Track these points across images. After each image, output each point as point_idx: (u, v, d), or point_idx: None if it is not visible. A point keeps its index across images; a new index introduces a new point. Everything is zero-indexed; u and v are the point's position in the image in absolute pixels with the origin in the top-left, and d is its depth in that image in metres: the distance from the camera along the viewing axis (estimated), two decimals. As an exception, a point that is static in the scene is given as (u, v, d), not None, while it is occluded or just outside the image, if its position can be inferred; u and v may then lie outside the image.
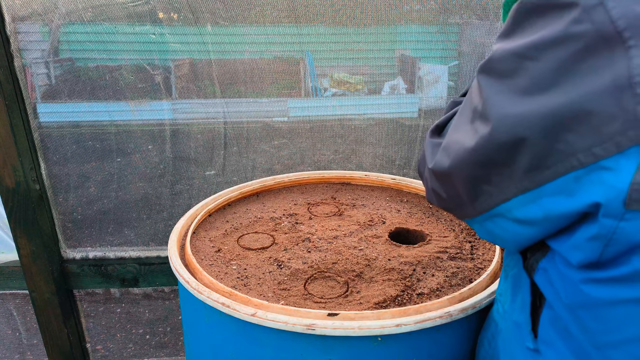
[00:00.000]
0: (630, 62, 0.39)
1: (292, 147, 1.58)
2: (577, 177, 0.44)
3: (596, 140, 0.42)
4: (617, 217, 0.43)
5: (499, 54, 0.50)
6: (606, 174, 0.42)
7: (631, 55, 0.39)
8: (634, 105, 0.39)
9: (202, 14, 1.37)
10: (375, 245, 1.04)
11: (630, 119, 0.39)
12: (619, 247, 0.45)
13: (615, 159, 0.41)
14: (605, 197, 0.43)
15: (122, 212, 1.60)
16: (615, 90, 0.40)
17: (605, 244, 0.45)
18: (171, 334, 2.05)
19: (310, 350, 0.76)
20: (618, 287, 0.47)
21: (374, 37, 1.50)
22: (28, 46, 1.34)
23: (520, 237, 0.56)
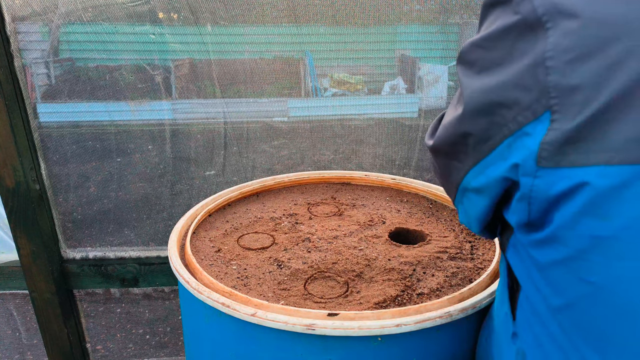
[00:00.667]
0: (546, 41, 0.46)
1: (292, 147, 1.58)
2: (508, 144, 0.51)
3: (520, 110, 0.49)
4: (532, 175, 0.49)
5: (466, 46, 0.58)
6: (526, 139, 0.49)
7: (548, 35, 0.46)
8: (544, 76, 0.46)
9: (202, 14, 1.37)
10: (375, 245, 1.04)
11: (542, 88, 0.46)
12: (539, 205, 0.50)
13: (533, 125, 0.48)
14: (522, 157, 0.49)
15: (122, 212, 1.60)
16: (533, 66, 0.47)
17: (529, 203, 0.51)
18: (171, 334, 2.05)
19: (310, 350, 0.76)
20: (548, 247, 0.51)
21: (374, 37, 1.50)
22: (28, 46, 1.34)
23: (479, 209, 0.62)
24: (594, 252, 0.46)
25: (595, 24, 0.45)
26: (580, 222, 0.46)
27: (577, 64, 0.45)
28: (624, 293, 0.45)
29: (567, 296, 0.51)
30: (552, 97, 0.46)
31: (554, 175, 0.47)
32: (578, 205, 0.46)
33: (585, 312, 0.49)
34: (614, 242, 0.45)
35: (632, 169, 0.42)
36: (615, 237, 0.45)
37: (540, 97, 0.47)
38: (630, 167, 0.42)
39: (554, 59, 0.46)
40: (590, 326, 0.49)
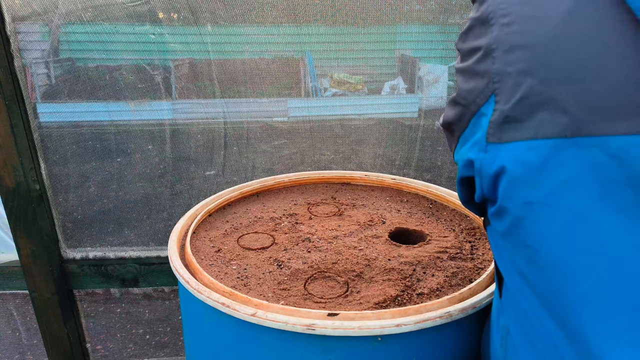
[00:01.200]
0: (491, 35, 0.55)
1: (292, 147, 1.58)
2: (473, 123, 0.58)
3: (478, 93, 0.57)
4: (483, 150, 0.56)
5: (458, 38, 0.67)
6: (483, 118, 0.56)
7: (492, 30, 0.55)
8: (491, 64, 0.54)
9: (202, 14, 1.37)
10: (375, 245, 1.04)
11: (490, 74, 0.54)
12: (487, 179, 0.57)
13: (486, 106, 0.56)
14: (479, 135, 0.57)
15: (122, 212, 1.60)
16: (484, 55, 0.56)
17: (480, 177, 0.58)
18: (171, 334, 2.05)
19: (310, 350, 0.76)
20: (500, 219, 0.58)
21: (374, 37, 1.50)
22: (28, 46, 1.34)
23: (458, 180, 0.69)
24: (528, 218, 0.53)
25: (523, 21, 0.53)
26: (516, 191, 0.53)
27: (509, 54, 0.53)
28: (553, 252, 0.52)
29: (518, 265, 0.57)
30: (495, 82, 0.54)
31: (497, 149, 0.54)
32: (512, 176, 0.53)
33: (534, 280, 0.55)
34: (542, 207, 0.52)
35: (551, 142, 0.50)
36: (543, 203, 0.51)
37: (489, 82, 0.55)
38: (550, 141, 0.50)
39: (497, 49, 0.54)
40: (544, 294, 0.54)
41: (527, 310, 0.58)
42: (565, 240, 0.51)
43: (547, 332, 0.54)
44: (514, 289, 0.60)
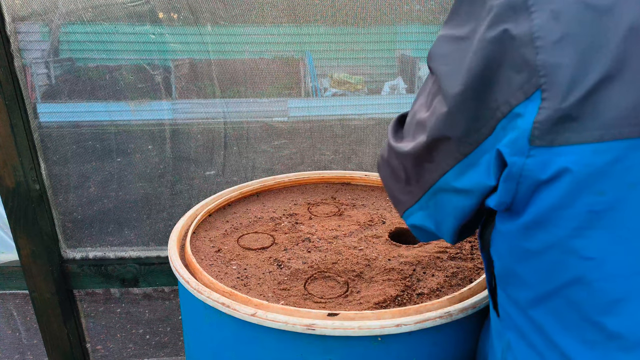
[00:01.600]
0: (531, 23, 0.47)
1: (292, 147, 1.58)
2: (503, 127, 0.51)
3: (510, 92, 0.49)
4: (524, 154, 0.49)
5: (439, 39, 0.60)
6: (519, 120, 0.49)
7: (533, 18, 0.47)
8: (533, 56, 0.47)
9: (202, 14, 1.37)
10: (375, 245, 1.04)
11: (532, 68, 0.47)
12: (528, 185, 0.50)
13: (524, 105, 0.48)
14: (515, 137, 0.49)
15: (122, 212, 1.60)
16: (520, 46, 0.48)
17: (518, 182, 0.51)
18: (171, 334, 2.05)
19: (310, 350, 0.76)
20: (538, 231, 0.52)
21: (374, 37, 1.50)
22: (28, 46, 1.34)
23: (459, 208, 0.61)
24: (592, 227, 0.48)
25: (577, 9, 0.46)
26: (577, 199, 0.47)
27: (562, 44, 0.46)
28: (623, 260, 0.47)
29: (558, 280, 0.52)
30: (541, 76, 0.47)
31: (548, 153, 0.47)
32: (573, 182, 0.47)
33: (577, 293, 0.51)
34: (612, 214, 0.47)
35: (622, 144, 0.45)
36: (612, 209, 0.46)
37: (531, 76, 0.47)
38: (620, 142, 0.45)
39: (542, 38, 0.47)
40: (578, 309, 0.51)
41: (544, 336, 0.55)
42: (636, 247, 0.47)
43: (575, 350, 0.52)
44: (526, 309, 0.57)
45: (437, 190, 0.61)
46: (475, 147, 0.53)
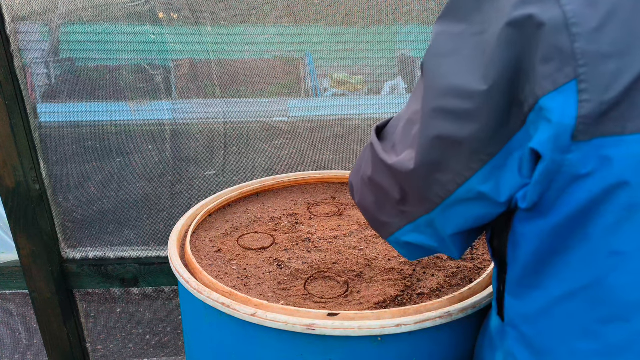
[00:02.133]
0: (563, 8, 0.43)
1: (292, 147, 1.58)
2: (532, 121, 0.47)
3: (536, 81, 0.45)
4: (564, 150, 0.45)
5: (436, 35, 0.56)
6: (551, 114, 0.45)
7: (563, 3, 0.44)
8: (569, 44, 0.43)
9: (202, 14, 1.37)
10: (375, 245, 1.04)
11: (567, 56, 0.43)
12: (564, 181, 0.47)
13: (551, 97, 0.44)
14: (553, 134, 0.45)
15: (122, 212, 1.60)
16: (551, 33, 0.44)
17: (551, 180, 0.47)
18: (171, 334, 2.05)
19: (310, 350, 0.76)
20: (569, 229, 0.49)
21: (374, 37, 1.50)
22: (28, 46, 1.34)
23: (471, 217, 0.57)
24: (629, 220, 0.46)
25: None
26: (618, 192, 0.45)
27: (604, 31, 0.42)
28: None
29: (579, 281, 0.50)
30: (580, 66, 0.43)
31: (589, 146, 0.44)
32: (615, 175, 0.44)
33: (601, 290, 0.48)
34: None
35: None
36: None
37: (564, 65, 0.43)
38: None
39: (579, 25, 0.43)
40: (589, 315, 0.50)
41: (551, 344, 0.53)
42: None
43: None
44: (537, 316, 0.55)
45: (454, 202, 0.55)
46: (503, 145, 0.49)
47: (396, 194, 0.60)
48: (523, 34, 0.45)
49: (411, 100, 0.61)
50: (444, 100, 0.52)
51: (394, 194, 0.61)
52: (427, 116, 0.54)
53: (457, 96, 0.50)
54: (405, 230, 0.63)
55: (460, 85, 0.50)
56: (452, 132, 0.51)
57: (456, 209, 0.56)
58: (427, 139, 0.53)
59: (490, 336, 0.71)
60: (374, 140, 0.65)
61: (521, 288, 0.57)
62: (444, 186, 0.54)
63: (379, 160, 0.62)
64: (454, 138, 0.51)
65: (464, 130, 0.50)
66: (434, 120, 0.53)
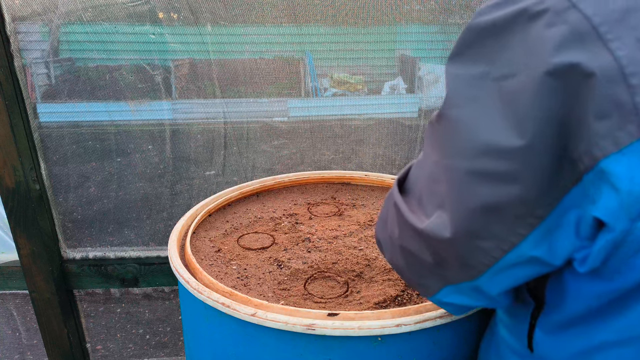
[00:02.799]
0: (614, 55, 0.38)
1: (292, 147, 1.58)
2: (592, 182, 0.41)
3: (593, 141, 0.40)
4: (635, 219, 0.41)
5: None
6: (615, 178, 0.39)
7: (612, 49, 0.38)
8: (630, 97, 0.37)
9: (202, 14, 1.37)
10: (375, 245, 1.04)
11: (628, 112, 0.38)
12: (631, 248, 0.43)
13: (615, 159, 0.39)
14: (621, 203, 0.40)
15: (122, 212, 1.60)
16: (603, 84, 0.38)
17: (618, 247, 0.43)
18: (171, 334, 2.05)
19: (310, 350, 0.76)
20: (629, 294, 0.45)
21: (374, 37, 1.50)
22: (28, 46, 1.34)
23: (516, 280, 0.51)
24: None
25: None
26: None
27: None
28: None
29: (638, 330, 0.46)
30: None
31: None
32: None
33: None
34: None
35: None
36: None
37: (624, 122, 0.38)
38: None
39: (638, 75, 0.37)
40: None
41: None
42: None
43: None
44: None
45: (502, 268, 0.49)
46: (554, 207, 0.44)
47: (429, 259, 0.55)
48: (568, 85, 0.40)
49: (428, 146, 0.55)
50: (477, 162, 0.46)
51: (427, 259, 0.55)
52: (459, 180, 0.48)
53: (492, 156, 0.44)
54: (446, 292, 0.57)
55: (492, 142, 0.44)
56: (492, 198, 0.45)
57: (505, 273, 0.50)
58: (463, 206, 0.48)
59: (501, 347, 0.68)
60: (397, 198, 0.58)
61: (561, 329, 0.54)
62: (489, 253, 0.48)
63: (406, 224, 0.56)
64: (495, 204, 0.45)
65: (505, 194, 0.45)
66: (469, 185, 0.47)
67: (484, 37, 0.47)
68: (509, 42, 0.45)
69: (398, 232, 0.58)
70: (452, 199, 0.49)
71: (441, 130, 0.51)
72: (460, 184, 0.48)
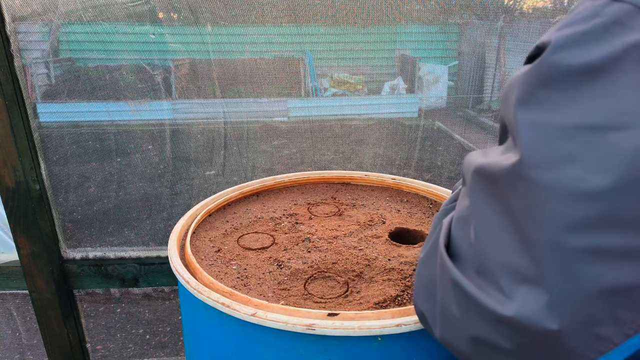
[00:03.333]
0: None
1: (292, 147, 1.58)
2: None
3: None
4: None
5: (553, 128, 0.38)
6: None
7: None
8: None
9: (202, 14, 1.37)
10: (375, 245, 1.04)
11: None
12: None
13: None
14: None
15: (122, 212, 1.60)
16: None
17: None
18: (171, 334, 2.05)
19: (310, 350, 0.76)
20: None
21: (374, 37, 1.50)
22: (28, 46, 1.34)
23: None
24: None
25: None
26: None
27: None
28: None
29: None
30: None
31: None
32: None
33: None
34: None
35: None
36: None
37: None
38: None
39: None
40: None
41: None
42: None
43: None
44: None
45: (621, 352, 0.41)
46: None
47: (507, 345, 0.44)
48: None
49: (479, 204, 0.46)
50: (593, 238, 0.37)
51: (504, 345, 0.44)
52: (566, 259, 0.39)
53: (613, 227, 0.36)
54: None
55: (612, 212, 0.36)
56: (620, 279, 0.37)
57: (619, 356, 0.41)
58: (577, 291, 0.38)
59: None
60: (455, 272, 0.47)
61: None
62: (609, 340, 0.39)
63: (476, 305, 0.45)
64: (624, 286, 0.37)
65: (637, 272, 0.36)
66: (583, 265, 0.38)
67: (578, 79, 0.38)
68: (616, 86, 0.36)
69: (460, 314, 0.48)
70: (555, 282, 0.39)
71: (517, 195, 0.41)
72: (568, 264, 0.39)
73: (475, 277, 0.45)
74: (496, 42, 1.64)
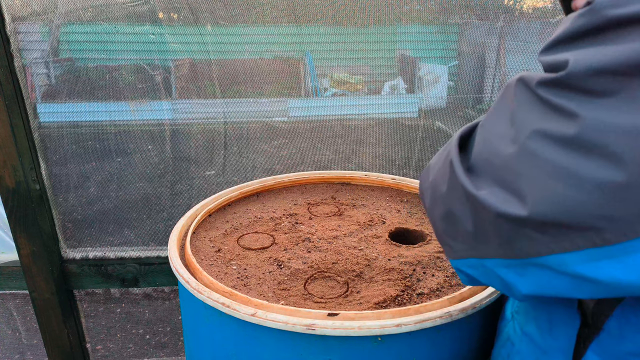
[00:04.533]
0: None
1: (292, 147, 1.58)
2: None
3: None
4: None
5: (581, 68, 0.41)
6: None
7: None
8: None
9: (202, 14, 1.37)
10: (375, 245, 1.04)
11: None
12: None
13: None
14: None
15: (122, 212, 1.60)
16: None
17: None
18: (171, 334, 2.05)
19: (310, 350, 0.76)
20: None
21: (374, 37, 1.50)
22: (28, 46, 1.34)
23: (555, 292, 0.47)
24: None
25: None
26: None
27: None
28: None
29: None
30: None
31: None
32: None
33: None
34: None
35: None
36: None
37: None
38: None
39: None
40: None
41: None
42: None
43: None
44: None
45: (536, 265, 0.46)
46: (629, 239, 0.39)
47: (470, 227, 0.50)
48: None
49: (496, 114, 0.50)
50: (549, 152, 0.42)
51: (467, 226, 0.51)
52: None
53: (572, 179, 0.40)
54: (470, 264, 0.54)
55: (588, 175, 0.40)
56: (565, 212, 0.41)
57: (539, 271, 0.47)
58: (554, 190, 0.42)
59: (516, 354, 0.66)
60: (455, 156, 0.53)
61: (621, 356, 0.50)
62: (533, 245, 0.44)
63: (458, 185, 0.51)
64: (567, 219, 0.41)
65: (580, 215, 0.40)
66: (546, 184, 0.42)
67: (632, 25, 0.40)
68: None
69: (446, 190, 0.53)
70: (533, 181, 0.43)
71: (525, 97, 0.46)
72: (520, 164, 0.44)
73: (474, 174, 0.50)
74: (496, 42, 1.64)
